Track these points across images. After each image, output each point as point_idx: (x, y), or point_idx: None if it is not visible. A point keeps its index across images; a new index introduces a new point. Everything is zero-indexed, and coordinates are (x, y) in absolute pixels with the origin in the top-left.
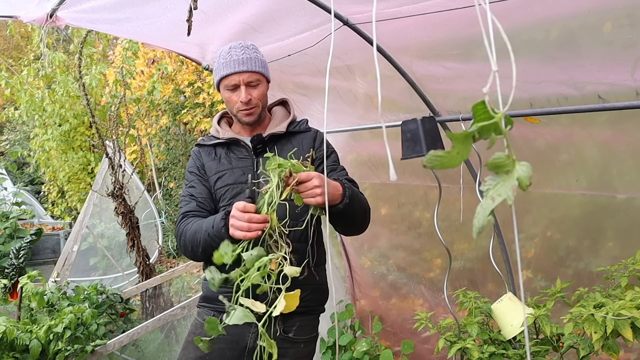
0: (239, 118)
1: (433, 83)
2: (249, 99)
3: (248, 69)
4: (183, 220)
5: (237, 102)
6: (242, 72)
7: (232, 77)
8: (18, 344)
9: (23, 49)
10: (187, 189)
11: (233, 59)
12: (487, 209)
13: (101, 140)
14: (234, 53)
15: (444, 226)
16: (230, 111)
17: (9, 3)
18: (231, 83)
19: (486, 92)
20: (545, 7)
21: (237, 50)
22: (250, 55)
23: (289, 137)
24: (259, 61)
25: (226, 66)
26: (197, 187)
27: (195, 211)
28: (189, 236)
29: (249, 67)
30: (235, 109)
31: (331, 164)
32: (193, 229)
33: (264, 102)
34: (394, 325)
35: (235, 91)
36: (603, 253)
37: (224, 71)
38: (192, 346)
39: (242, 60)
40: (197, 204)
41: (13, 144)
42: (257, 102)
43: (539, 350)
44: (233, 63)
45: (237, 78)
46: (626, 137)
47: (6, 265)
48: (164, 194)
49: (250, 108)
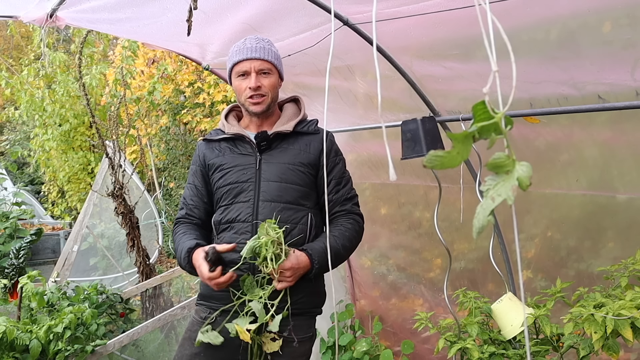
0: (247, 107)
1: (433, 83)
2: (259, 85)
3: (260, 56)
4: (175, 227)
5: (246, 89)
6: (254, 59)
7: (244, 64)
8: (18, 344)
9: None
10: (185, 189)
11: (246, 47)
12: (487, 209)
13: (101, 140)
14: (248, 42)
15: (444, 226)
16: (239, 101)
17: (9, 3)
18: (242, 69)
19: (486, 92)
20: (545, 7)
21: (252, 40)
22: (264, 45)
23: (296, 137)
24: (272, 52)
25: (239, 53)
26: (191, 192)
27: (186, 219)
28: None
29: (261, 54)
30: (243, 96)
31: (338, 176)
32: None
33: (274, 94)
34: (394, 325)
35: (245, 78)
36: (603, 253)
37: (236, 57)
38: (188, 343)
39: (255, 48)
40: (187, 212)
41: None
42: (267, 92)
43: (539, 350)
44: (246, 50)
45: (248, 65)
46: (626, 137)
47: (6, 265)
48: (164, 194)
49: (260, 95)
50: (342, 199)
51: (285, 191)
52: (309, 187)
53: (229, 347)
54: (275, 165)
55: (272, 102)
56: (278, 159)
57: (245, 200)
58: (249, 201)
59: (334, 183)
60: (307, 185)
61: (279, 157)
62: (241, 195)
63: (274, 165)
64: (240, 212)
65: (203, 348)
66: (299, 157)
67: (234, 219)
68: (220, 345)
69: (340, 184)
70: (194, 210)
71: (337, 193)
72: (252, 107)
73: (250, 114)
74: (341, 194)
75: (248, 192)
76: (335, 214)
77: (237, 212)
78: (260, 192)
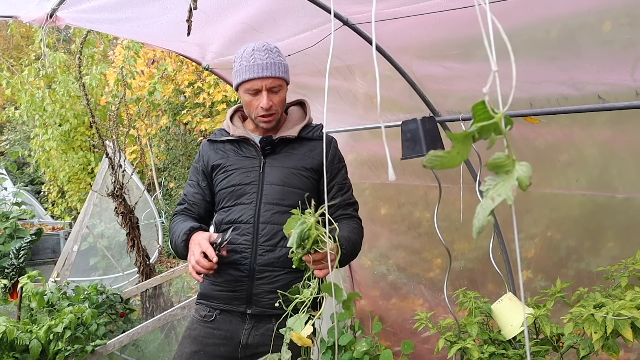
0: (257, 122)
1: (433, 83)
2: (270, 105)
3: (272, 74)
4: (173, 217)
5: (257, 108)
6: (266, 77)
7: (255, 82)
8: (18, 344)
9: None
10: (187, 185)
11: (257, 63)
12: (487, 209)
13: (101, 140)
14: (258, 56)
15: (444, 226)
16: (248, 114)
17: (9, 3)
18: (253, 87)
19: (486, 92)
20: (545, 7)
21: (261, 53)
22: (275, 59)
23: (301, 142)
24: (282, 66)
25: (249, 70)
26: (193, 189)
27: (185, 213)
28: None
29: (273, 72)
30: (254, 114)
31: (341, 181)
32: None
33: (282, 107)
34: (394, 325)
35: (256, 96)
36: (603, 253)
37: (247, 75)
38: (188, 341)
39: (267, 66)
40: (186, 207)
41: (13, 144)
42: (277, 109)
43: (539, 350)
44: (257, 67)
45: (259, 83)
46: (626, 137)
47: (6, 265)
48: (164, 194)
49: (270, 114)
50: (344, 204)
51: (288, 195)
52: (311, 192)
53: (229, 345)
54: (279, 169)
55: (281, 115)
56: (282, 163)
57: (247, 202)
58: (251, 203)
59: (337, 188)
60: (310, 190)
61: (282, 161)
62: (244, 197)
63: (277, 169)
64: (243, 214)
65: (203, 346)
66: (302, 161)
67: (235, 220)
68: (221, 343)
69: (342, 190)
70: (193, 207)
71: (340, 198)
72: (262, 124)
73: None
74: (344, 199)
75: (251, 194)
76: (338, 217)
77: (239, 213)
78: (263, 194)
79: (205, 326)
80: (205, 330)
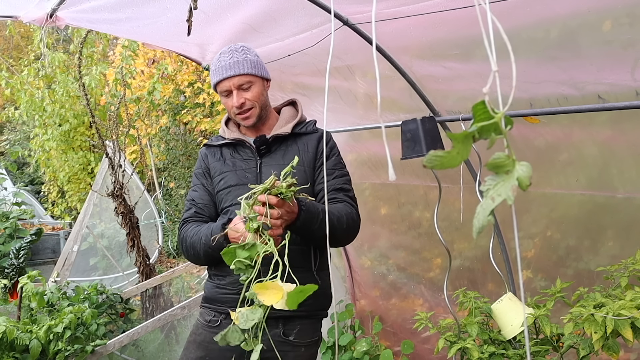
0: (239, 122)
1: (433, 83)
2: (242, 102)
3: (235, 73)
4: (183, 227)
5: (232, 107)
6: (231, 77)
7: (223, 84)
8: (18, 344)
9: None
10: (191, 192)
11: (221, 65)
12: (487, 209)
13: (101, 140)
14: (223, 59)
15: (444, 226)
16: (230, 116)
17: (9, 3)
18: (223, 89)
19: (486, 92)
20: (545, 7)
21: (225, 55)
22: (238, 58)
23: (295, 139)
24: (248, 62)
25: (216, 73)
26: (199, 192)
27: (195, 218)
28: (189, 243)
29: (236, 70)
30: (232, 113)
31: (331, 167)
32: (192, 238)
33: (261, 102)
34: (394, 325)
35: (229, 97)
36: (603, 253)
37: (215, 78)
38: (194, 346)
39: (229, 65)
40: (196, 211)
41: (13, 144)
42: (253, 104)
43: (539, 350)
44: (221, 69)
45: (227, 84)
46: (626, 137)
47: (6, 265)
48: (164, 194)
49: (246, 111)
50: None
51: None
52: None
53: (235, 350)
54: (275, 167)
55: (263, 109)
56: (278, 161)
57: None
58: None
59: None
60: (307, 184)
61: (278, 160)
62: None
63: (273, 167)
64: None
65: (208, 351)
66: (298, 157)
67: None
68: (226, 348)
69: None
70: (203, 209)
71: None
72: (242, 121)
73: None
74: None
75: None
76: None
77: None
78: None
79: (210, 331)
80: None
